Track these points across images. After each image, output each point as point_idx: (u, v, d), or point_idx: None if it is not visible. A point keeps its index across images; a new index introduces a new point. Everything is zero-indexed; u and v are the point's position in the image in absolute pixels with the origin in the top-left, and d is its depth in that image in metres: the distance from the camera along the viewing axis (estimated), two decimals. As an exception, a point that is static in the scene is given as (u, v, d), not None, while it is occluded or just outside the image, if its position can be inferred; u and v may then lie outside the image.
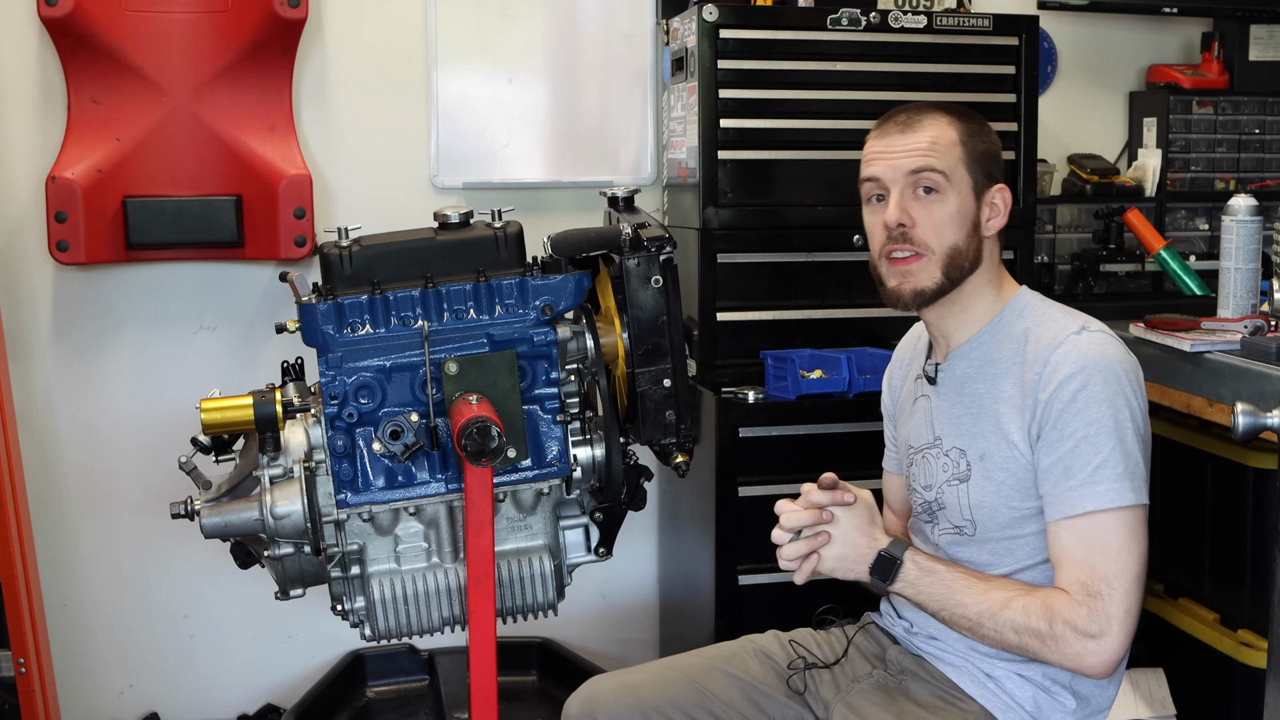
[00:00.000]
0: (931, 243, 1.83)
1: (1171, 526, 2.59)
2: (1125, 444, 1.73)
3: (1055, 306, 1.88)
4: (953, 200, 1.83)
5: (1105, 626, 1.69)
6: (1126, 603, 1.70)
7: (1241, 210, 2.42)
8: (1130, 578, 1.70)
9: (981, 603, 1.76)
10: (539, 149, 3.17)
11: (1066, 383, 1.74)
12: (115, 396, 3.02)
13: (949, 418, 1.90)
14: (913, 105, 1.90)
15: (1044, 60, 3.31)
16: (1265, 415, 1.76)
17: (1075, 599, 1.71)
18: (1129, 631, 1.71)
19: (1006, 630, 1.74)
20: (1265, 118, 3.29)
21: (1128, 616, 1.70)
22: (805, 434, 2.74)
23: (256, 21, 2.82)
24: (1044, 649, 1.72)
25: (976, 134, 1.87)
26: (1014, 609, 1.74)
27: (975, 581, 1.80)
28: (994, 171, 1.88)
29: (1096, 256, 3.10)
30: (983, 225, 1.87)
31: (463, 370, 2.10)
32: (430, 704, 3.03)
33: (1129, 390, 1.75)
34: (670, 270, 2.21)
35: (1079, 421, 1.73)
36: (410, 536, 2.17)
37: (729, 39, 2.78)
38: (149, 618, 3.08)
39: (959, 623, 1.79)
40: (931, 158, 1.83)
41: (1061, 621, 1.71)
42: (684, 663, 1.98)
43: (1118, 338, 1.81)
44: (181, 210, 2.84)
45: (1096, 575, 1.70)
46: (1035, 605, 1.74)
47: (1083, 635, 1.70)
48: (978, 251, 1.86)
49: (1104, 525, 1.71)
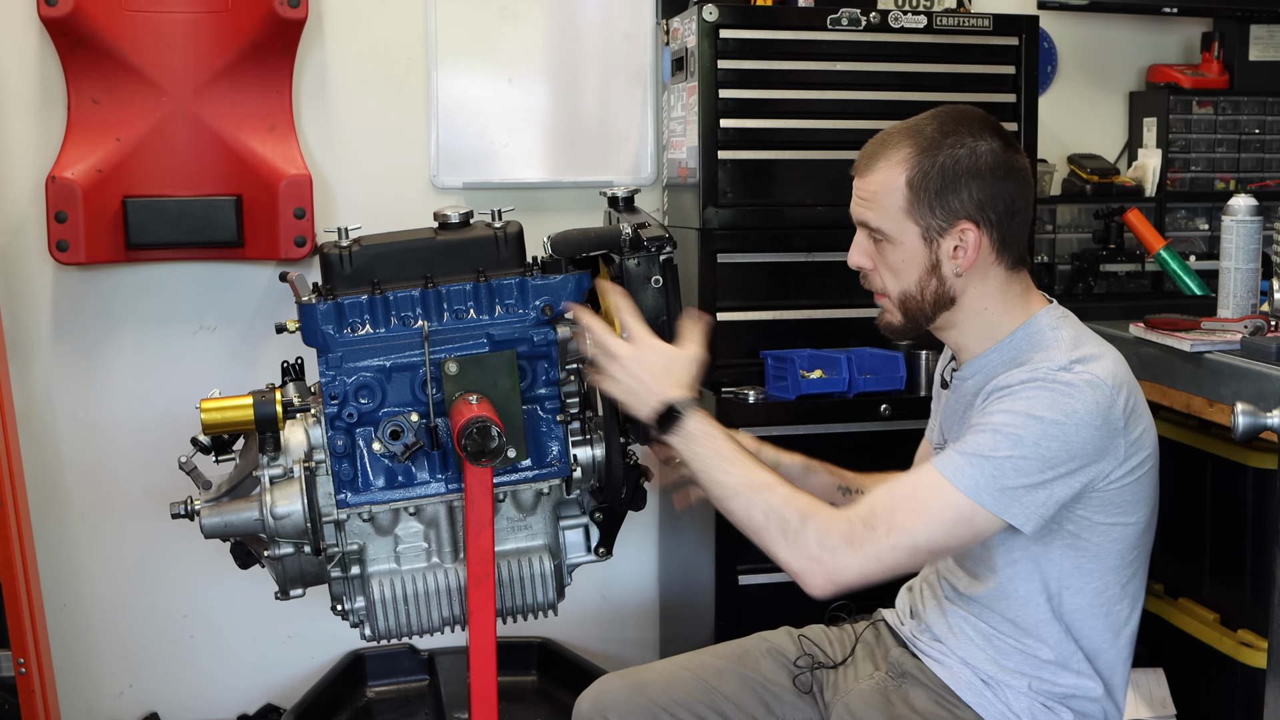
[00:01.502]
0: (887, 287, 1.83)
1: (1171, 526, 2.59)
2: (1027, 462, 1.65)
3: (1066, 336, 1.78)
4: (899, 249, 1.79)
5: (848, 554, 1.66)
6: (882, 553, 1.66)
7: (1241, 210, 2.42)
8: (909, 541, 1.66)
9: (744, 477, 1.74)
10: (539, 149, 3.17)
11: (1015, 389, 1.69)
12: (115, 396, 3.02)
13: (954, 427, 1.89)
14: (881, 136, 1.82)
15: (1044, 60, 3.31)
16: (1265, 415, 1.76)
17: (845, 515, 1.68)
18: (863, 574, 1.66)
19: (756, 510, 1.72)
20: (1265, 118, 3.30)
21: (873, 562, 1.66)
22: (805, 434, 2.74)
23: (256, 21, 2.82)
24: (783, 540, 1.69)
25: (934, 169, 1.75)
26: (775, 493, 1.72)
27: (745, 458, 1.77)
28: (959, 205, 1.75)
29: (1096, 256, 3.10)
30: (943, 266, 1.78)
31: (463, 370, 2.10)
32: (430, 704, 3.03)
33: (1076, 433, 1.66)
34: (670, 270, 2.20)
35: (999, 417, 1.68)
36: (410, 536, 2.17)
37: (729, 39, 2.78)
38: (149, 618, 3.08)
39: (715, 490, 1.77)
40: (869, 212, 1.80)
41: (815, 525, 1.68)
42: (695, 662, 1.97)
43: (1106, 384, 1.69)
44: (181, 210, 2.84)
45: (889, 517, 1.67)
46: (799, 501, 1.71)
47: (825, 547, 1.67)
48: (941, 293, 1.80)
49: (939, 494, 1.67)
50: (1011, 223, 1.78)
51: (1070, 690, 1.82)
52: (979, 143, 1.76)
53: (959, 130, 1.77)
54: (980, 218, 1.77)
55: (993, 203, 1.76)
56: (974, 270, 1.79)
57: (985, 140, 1.77)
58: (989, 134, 1.78)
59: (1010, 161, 1.78)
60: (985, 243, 1.78)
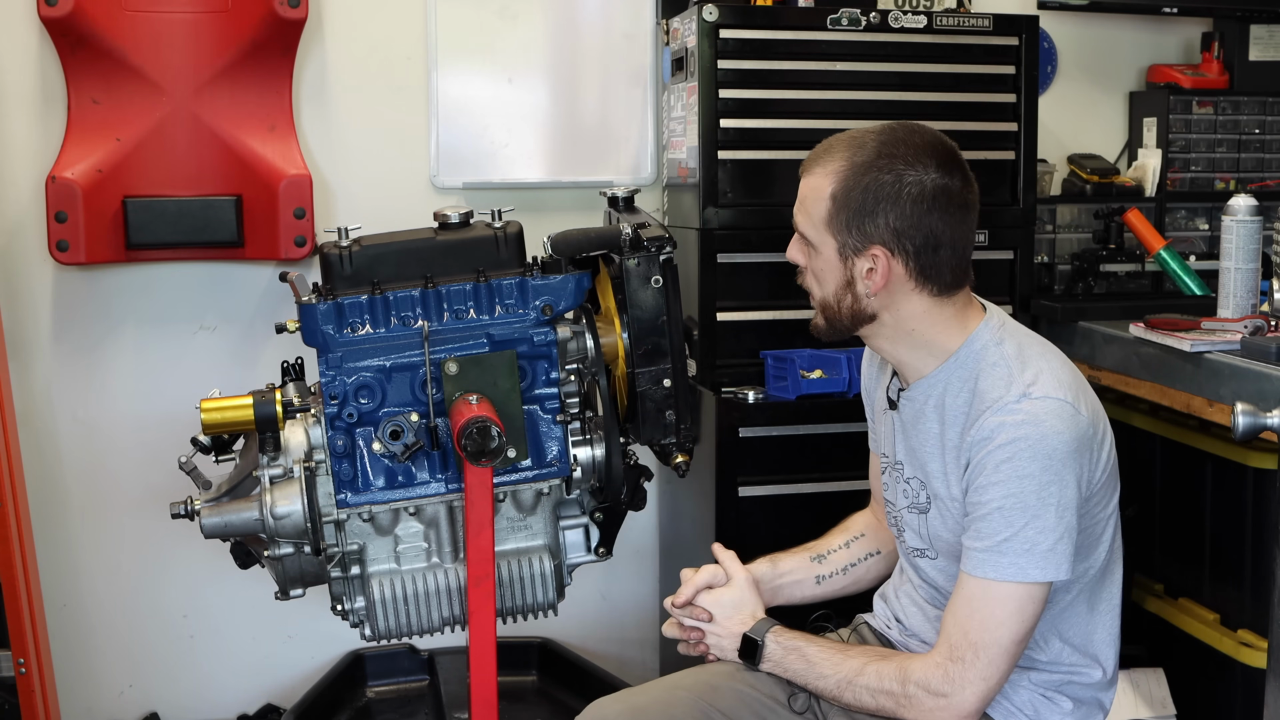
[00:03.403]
0: (812, 288, 1.85)
1: (1171, 526, 2.59)
2: (1043, 520, 1.68)
3: (1010, 350, 1.77)
4: (820, 258, 1.80)
5: (958, 689, 1.72)
6: (987, 671, 1.71)
7: (1241, 210, 2.42)
8: (999, 650, 1.71)
9: (839, 672, 1.80)
10: (539, 149, 3.17)
11: (995, 452, 1.70)
12: (115, 396, 3.02)
13: (906, 447, 1.89)
14: (830, 140, 1.80)
15: (1044, 60, 3.31)
16: (1265, 415, 1.76)
17: (934, 661, 1.74)
18: (983, 696, 1.73)
19: (864, 694, 1.78)
20: (1265, 118, 3.29)
21: (984, 683, 1.72)
22: (805, 434, 2.74)
23: (256, 21, 2.82)
24: (899, 709, 1.76)
25: (856, 189, 1.73)
26: (868, 674, 1.78)
27: (833, 652, 1.83)
28: (873, 229, 1.73)
29: (1096, 256, 3.09)
30: (857, 284, 1.77)
31: (463, 370, 2.10)
32: (430, 704, 3.03)
33: (1062, 465, 1.68)
34: (670, 270, 2.21)
35: (997, 492, 1.70)
36: (410, 536, 2.17)
37: (729, 39, 2.78)
38: (149, 618, 3.08)
39: (823, 694, 1.84)
40: (799, 214, 1.81)
41: (914, 683, 1.74)
42: (689, 680, 1.94)
43: (1065, 400, 1.70)
44: (181, 210, 2.84)
45: (968, 641, 1.72)
46: (889, 669, 1.77)
47: (934, 694, 1.73)
48: (858, 309, 1.79)
49: (995, 595, 1.71)
50: (935, 255, 1.74)
51: (1066, 676, 1.84)
52: (910, 171, 1.72)
53: (895, 154, 1.73)
54: (895, 246, 1.74)
55: (910, 233, 1.73)
56: (889, 293, 1.77)
57: (919, 170, 1.72)
58: (930, 163, 1.73)
59: (945, 194, 1.73)
60: (900, 270, 1.75)
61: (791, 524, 2.79)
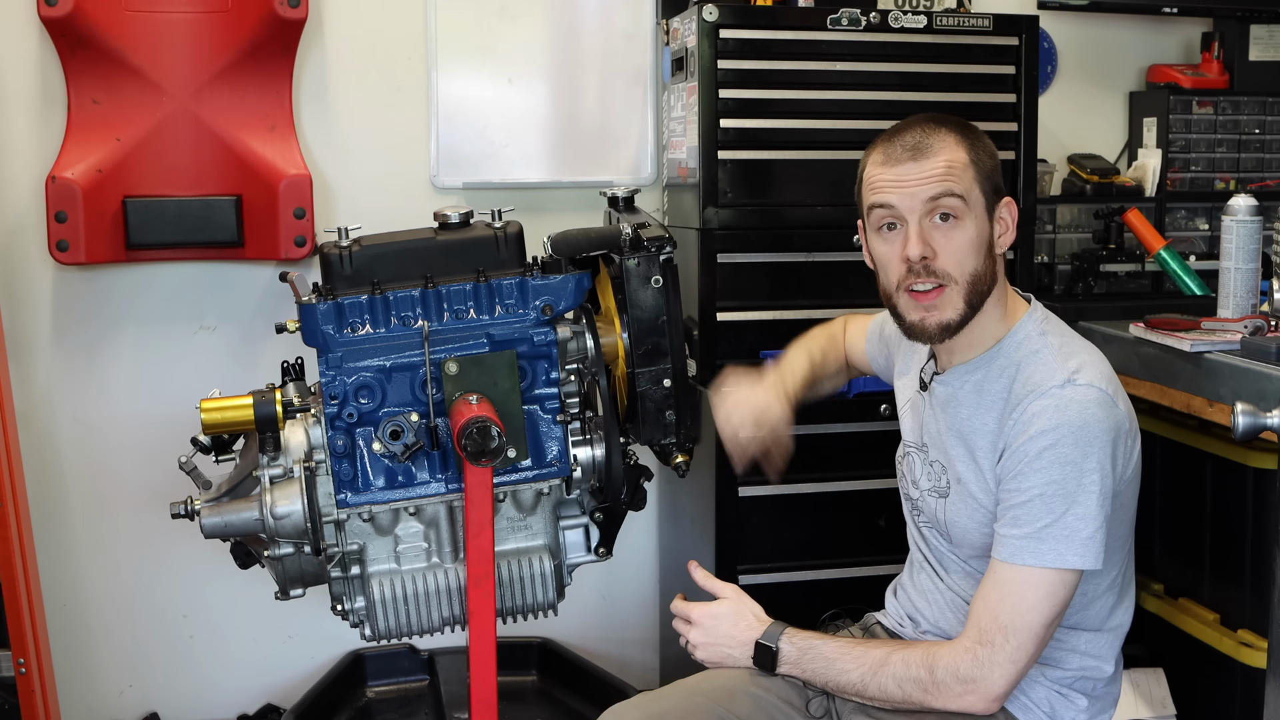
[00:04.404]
0: (954, 272, 1.78)
1: (1171, 526, 2.59)
2: (1083, 507, 1.70)
3: (1054, 341, 1.82)
4: (971, 225, 1.78)
5: (987, 673, 1.72)
6: (1016, 655, 1.71)
7: (1241, 210, 2.42)
8: (1029, 633, 1.71)
9: (861, 665, 1.79)
10: (539, 149, 3.17)
11: (1037, 438, 1.72)
12: (115, 396, 3.02)
13: (935, 431, 1.90)
14: (915, 125, 1.82)
15: (1044, 60, 3.31)
16: (1265, 415, 1.76)
17: (963, 646, 1.74)
18: (1012, 679, 1.73)
19: (889, 684, 1.77)
20: (1265, 118, 3.29)
21: (1013, 666, 1.72)
22: (805, 434, 2.72)
23: (256, 21, 2.82)
24: (928, 697, 1.75)
25: (981, 148, 1.82)
26: (893, 663, 1.77)
27: (852, 647, 1.82)
28: (1000, 184, 1.83)
29: (1096, 256, 3.09)
30: (995, 244, 1.83)
31: (463, 370, 2.10)
32: (430, 704, 3.03)
33: (1102, 453, 1.71)
34: (670, 270, 2.21)
35: (1039, 479, 1.71)
36: (410, 536, 2.17)
37: (729, 39, 2.78)
38: (149, 617, 3.08)
39: (846, 690, 1.81)
40: (950, 181, 1.77)
41: (943, 668, 1.74)
42: (707, 685, 1.92)
43: (1105, 391, 1.75)
44: (181, 210, 2.84)
45: (998, 625, 1.72)
46: (915, 656, 1.77)
47: (963, 680, 1.73)
48: (994, 273, 1.83)
49: (1028, 580, 1.71)
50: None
51: (1081, 673, 1.85)
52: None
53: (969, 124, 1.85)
54: (1009, 194, 1.86)
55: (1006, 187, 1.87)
56: (1000, 255, 1.85)
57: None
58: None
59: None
60: (1014, 223, 1.86)
61: (791, 524, 2.80)
